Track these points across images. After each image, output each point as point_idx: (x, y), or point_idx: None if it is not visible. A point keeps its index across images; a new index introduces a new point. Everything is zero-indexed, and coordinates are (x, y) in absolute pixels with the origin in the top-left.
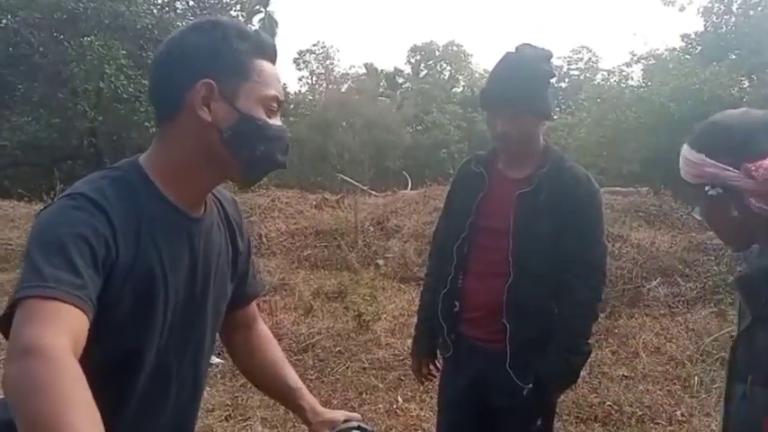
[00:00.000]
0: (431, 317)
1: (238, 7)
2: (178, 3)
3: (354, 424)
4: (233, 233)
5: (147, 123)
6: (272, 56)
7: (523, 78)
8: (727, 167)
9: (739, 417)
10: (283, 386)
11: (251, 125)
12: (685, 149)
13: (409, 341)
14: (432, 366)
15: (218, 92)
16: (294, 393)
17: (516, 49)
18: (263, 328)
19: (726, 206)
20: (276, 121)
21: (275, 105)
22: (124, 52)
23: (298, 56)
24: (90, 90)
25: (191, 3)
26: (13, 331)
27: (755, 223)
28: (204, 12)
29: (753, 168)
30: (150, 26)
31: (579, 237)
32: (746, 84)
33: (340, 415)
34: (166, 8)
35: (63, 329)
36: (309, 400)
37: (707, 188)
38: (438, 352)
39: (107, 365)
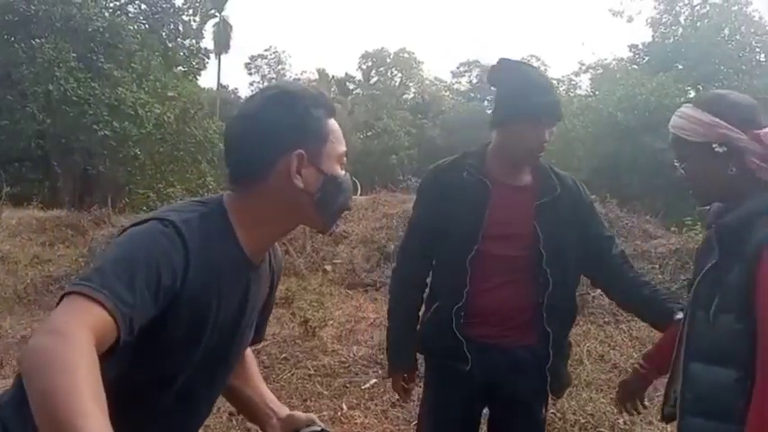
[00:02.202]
0: (413, 330)
1: (191, 12)
2: (130, 7)
3: (317, 428)
4: (273, 284)
5: (95, 126)
6: (334, 112)
7: (555, 92)
8: (737, 131)
9: (704, 338)
10: (265, 411)
11: (334, 184)
12: (696, 112)
13: (355, 348)
14: (411, 380)
15: (307, 159)
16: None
17: (521, 64)
18: (249, 354)
19: (725, 163)
20: (344, 171)
21: (345, 158)
22: (74, 55)
23: (249, 61)
24: (39, 92)
25: (143, 6)
26: (55, 313)
27: (742, 181)
28: (156, 16)
29: (761, 134)
30: (101, 29)
31: (601, 229)
32: (693, 94)
33: (303, 417)
34: (118, 12)
35: (93, 329)
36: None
37: (714, 146)
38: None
39: (139, 384)
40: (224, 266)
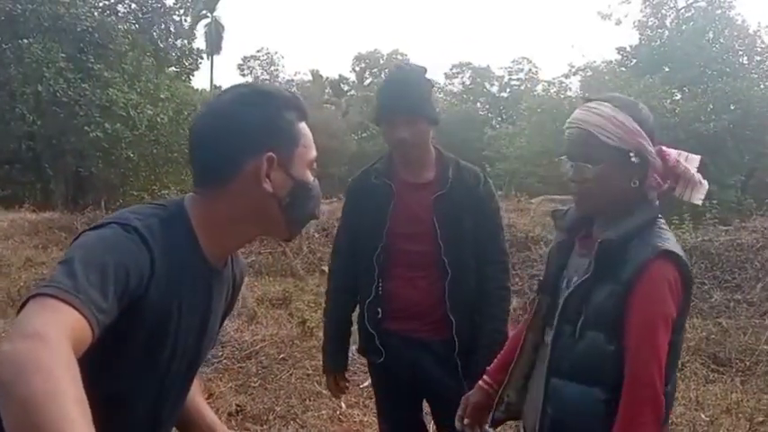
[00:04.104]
0: (344, 332)
1: (182, 12)
2: (120, 6)
3: None
4: (234, 292)
5: (86, 128)
6: (307, 116)
7: (413, 89)
8: (650, 144)
9: (568, 354)
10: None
11: (304, 190)
12: (620, 114)
13: (354, 347)
14: (342, 380)
15: (278, 163)
16: None
17: (397, 67)
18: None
19: (632, 175)
20: (312, 177)
21: (315, 164)
22: (63, 55)
23: (242, 62)
24: (28, 93)
25: (133, 6)
26: (27, 315)
27: (635, 195)
28: (146, 16)
29: (665, 151)
30: (91, 29)
31: (490, 226)
32: (678, 96)
33: None
34: (107, 11)
35: (71, 336)
36: None
37: (631, 155)
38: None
39: (102, 397)
40: (185, 274)
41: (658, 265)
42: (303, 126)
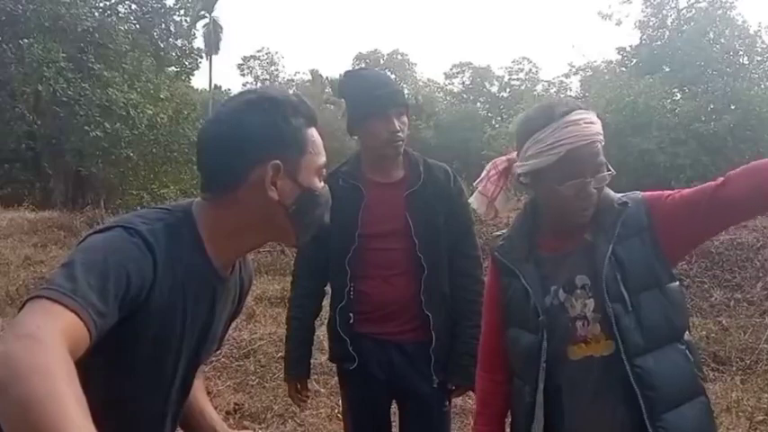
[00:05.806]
0: (308, 338)
1: (182, 12)
2: (120, 6)
3: None
4: (241, 295)
5: (86, 127)
6: (316, 121)
7: (393, 82)
8: None
9: (632, 329)
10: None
11: (311, 197)
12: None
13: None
14: (304, 388)
15: (284, 171)
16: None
17: (357, 69)
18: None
19: None
20: (322, 183)
21: (324, 171)
22: (64, 55)
23: (242, 62)
24: (28, 93)
25: (133, 6)
26: (24, 316)
27: None
28: (147, 16)
29: None
30: (91, 29)
31: (462, 222)
32: (678, 96)
33: None
34: (108, 11)
35: (68, 337)
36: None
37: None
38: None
39: (102, 402)
40: (190, 280)
41: (648, 195)
42: (311, 132)
